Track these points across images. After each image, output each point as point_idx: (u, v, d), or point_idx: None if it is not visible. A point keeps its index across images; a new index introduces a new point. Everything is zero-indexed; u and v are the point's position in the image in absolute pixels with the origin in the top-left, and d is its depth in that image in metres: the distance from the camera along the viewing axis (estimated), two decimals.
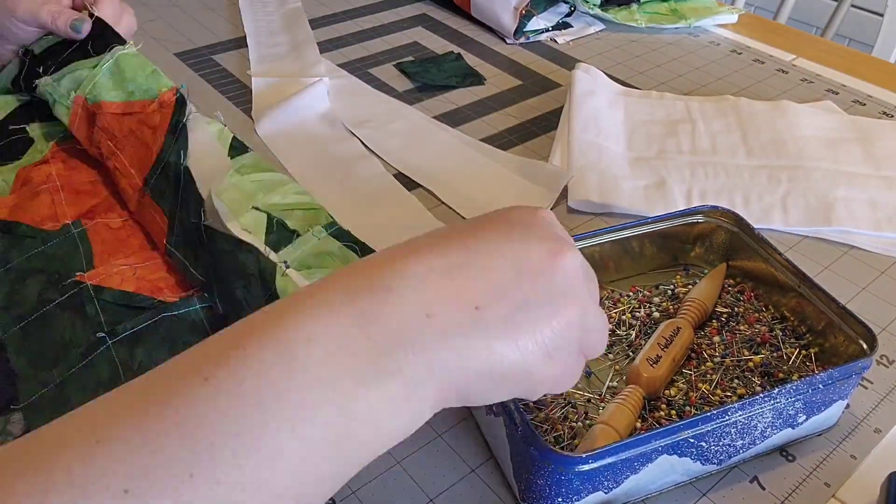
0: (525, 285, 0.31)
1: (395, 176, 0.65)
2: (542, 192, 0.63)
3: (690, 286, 0.52)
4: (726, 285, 0.53)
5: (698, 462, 0.40)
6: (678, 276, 0.54)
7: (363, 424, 0.28)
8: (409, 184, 0.64)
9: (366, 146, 0.68)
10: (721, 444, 0.40)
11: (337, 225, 0.55)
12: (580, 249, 0.49)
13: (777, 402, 0.40)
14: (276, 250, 0.51)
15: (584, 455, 0.36)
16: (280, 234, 0.52)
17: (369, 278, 0.30)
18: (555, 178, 0.63)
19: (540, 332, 0.31)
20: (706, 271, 0.54)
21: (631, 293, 0.52)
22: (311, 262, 0.52)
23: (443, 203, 0.62)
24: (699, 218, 0.53)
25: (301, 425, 0.26)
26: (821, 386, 0.41)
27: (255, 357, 0.27)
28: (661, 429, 0.37)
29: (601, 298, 0.51)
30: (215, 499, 0.25)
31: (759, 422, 0.40)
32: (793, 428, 0.42)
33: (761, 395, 0.39)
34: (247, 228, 0.52)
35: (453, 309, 0.29)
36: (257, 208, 0.55)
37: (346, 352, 0.28)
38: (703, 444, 0.39)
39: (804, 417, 0.42)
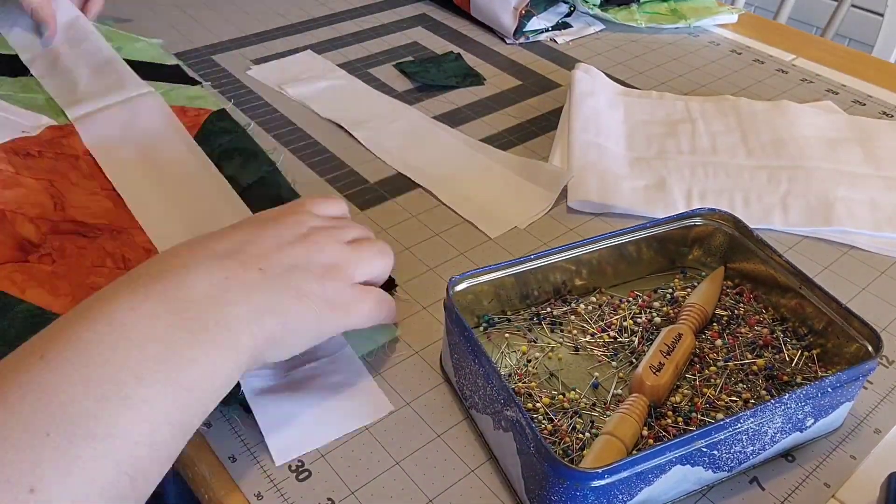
0: (288, 251, 0.39)
1: (394, 176, 0.65)
2: (541, 192, 0.63)
3: (689, 289, 0.52)
4: (725, 287, 0.52)
5: (710, 470, 0.40)
6: (676, 280, 0.54)
7: (201, 370, 0.33)
8: (409, 184, 0.64)
9: (365, 146, 0.69)
10: (732, 451, 0.40)
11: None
12: (578, 256, 0.50)
13: (787, 408, 0.40)
14: None
15: (599, 470, 0.36)
16: None
17: (166, 262, 0.36)
18: (555, 178, 0.63)
19: (316, 276, 0.39)
20: (704, 274, 0.54)
21: (630, 299, 0.52)
22: None
23: (442, 203, 0.62)
24: (697, 221, 0.53)
25: (146, 374, 0.31)
26: (829, 389, 0.41)
27: (86, 328, 0.31)
28: (675, 440, 0.37)
29: (601, 305, 0.51)
30: (73, 450, 0.28)
31: (770, 427, 0.40)
32: (801, 431, 0.42)
33: (773, 402, 0.39)
34: None
35: (242, 272, 0.37)
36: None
37: (168, 312, 0.33)
38: (716, 452, 0.39)
39: (812, 421, 0.42)
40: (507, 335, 0.49)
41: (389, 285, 0.52)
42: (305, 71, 0.79)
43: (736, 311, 0.51)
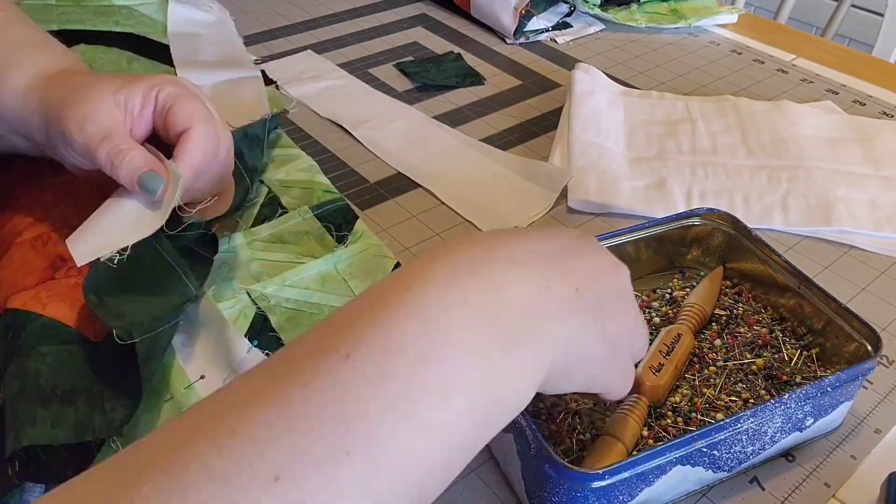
0: (605, 281, 0.34)
1: (394, 176, 0.65)
2: (542, 192, 0.63)
3: (688, 289, 0.52)
4: (724, 287, 0.52)
5: (710, 470, 0.40)
6: (675, 280, 0.54)
7: (505, 390, 0.28)
8: (409, 184, 0.64)
9: (365, 146, 0.69)
10: (732, 451, 0.40)
11: (325, 206, 0.59)
12: None
13: (787, 408, 0.40)
14: (262, 222, 0.58)
15: (600, 471, 0.36)
16: (271, 208, 0.59)
17: (489, 249, 0.31)
18: (555, 178, 0.63)
19: (615, 322, 0.34)
20: (702, 274, 0.54)
21: None
22: (288, 238, 0.57)
23: (443, 203, 0.62)
24: (695, 220, 0.53)
25: (452, 393, 0.26)
26: (829, 389, 0.41)
27: (396, 329, 0.27)
28: (676, 440, 0.37)
29: None
30: (372, 475, 0.24)
31: (770, 427, 0.40)
32: (801, 431, 0.42)
33: (772, 402, 0.39)
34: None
35: (562, 286, 0.31)
36: (261, 181, 0.62)
37: (484, 319, 0.28)
38: (716, 452, 0.39)
39: (812, 420, 0.42)
40: None
41: None
42: (306, 71, 0.79)
43: (735, 311, 0.51)
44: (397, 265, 0.53)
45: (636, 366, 0.45)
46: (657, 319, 0.50)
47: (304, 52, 0.83)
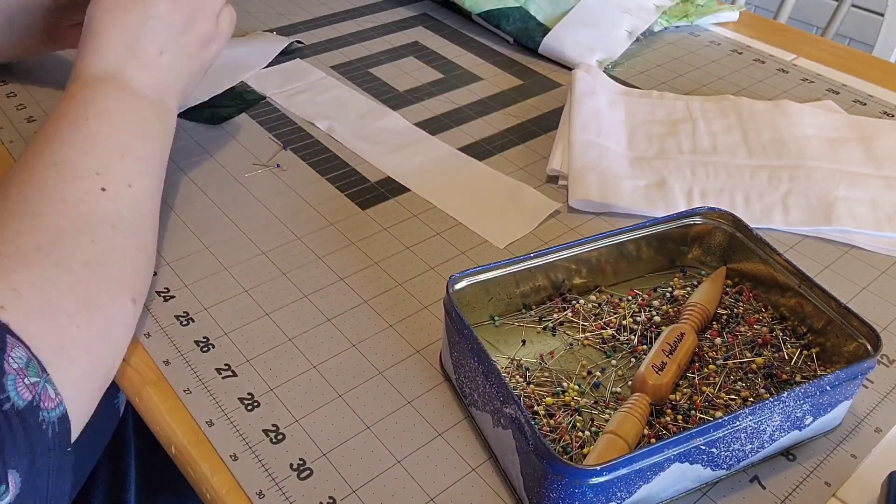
0: (173, 26, 0.55)
1: (387, 179, 0.65)
2: (523, 220, 0.60)
3: (689, 288, 0.52)
4: (725, 286, 0.53)
5: (709, 468, 0.40)
6: (676, 279, 0.54)
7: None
8: (401, 187, 0.64)
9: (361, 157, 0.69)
10: (731, 449, 0.40)
11: None
12: (578, 255, 0.50)
13: (786, 406, 0.40)
14: None
15: (598, 468, 0.36)
16: None
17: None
18: (538, 209, 0.61)
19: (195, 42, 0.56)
20: (703, 273, 0.54)
21: (630, 297, 0.52)
22: None
23: (436, 207, 0.62)
24: (696, 219, 0.53)
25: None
26: (828, 388, 0.41)
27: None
28: (674, 438, 0.37)
29: (601, 304, 0.51)
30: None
31: (768, 425, 0.40)
32: (800, 430, 0.42)
33: (771, 400, 0.39)
34: None
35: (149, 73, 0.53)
36: None
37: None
38: (714, 450, 0.39)
39: (811, 419, 0.42)
40: (506, 333, 0.49)
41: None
42: (290, 80, 0.77)
43: (735, 310, 0.51)
44: None
45: (637, 364, 0.45)
46: (658, 318, 0.50)
47: (291, 62, 0.81)
